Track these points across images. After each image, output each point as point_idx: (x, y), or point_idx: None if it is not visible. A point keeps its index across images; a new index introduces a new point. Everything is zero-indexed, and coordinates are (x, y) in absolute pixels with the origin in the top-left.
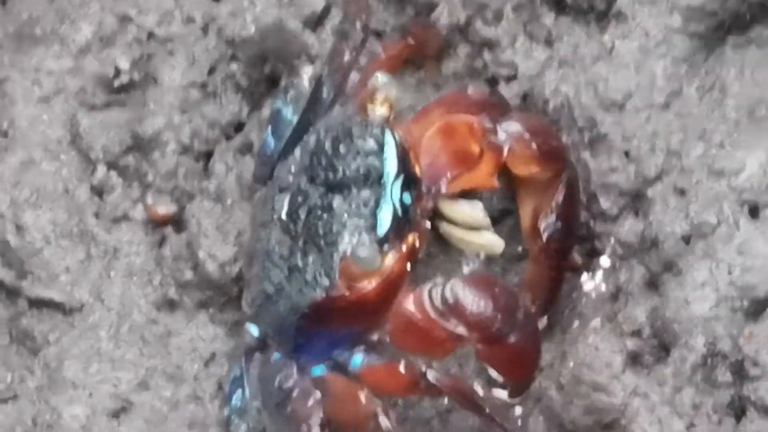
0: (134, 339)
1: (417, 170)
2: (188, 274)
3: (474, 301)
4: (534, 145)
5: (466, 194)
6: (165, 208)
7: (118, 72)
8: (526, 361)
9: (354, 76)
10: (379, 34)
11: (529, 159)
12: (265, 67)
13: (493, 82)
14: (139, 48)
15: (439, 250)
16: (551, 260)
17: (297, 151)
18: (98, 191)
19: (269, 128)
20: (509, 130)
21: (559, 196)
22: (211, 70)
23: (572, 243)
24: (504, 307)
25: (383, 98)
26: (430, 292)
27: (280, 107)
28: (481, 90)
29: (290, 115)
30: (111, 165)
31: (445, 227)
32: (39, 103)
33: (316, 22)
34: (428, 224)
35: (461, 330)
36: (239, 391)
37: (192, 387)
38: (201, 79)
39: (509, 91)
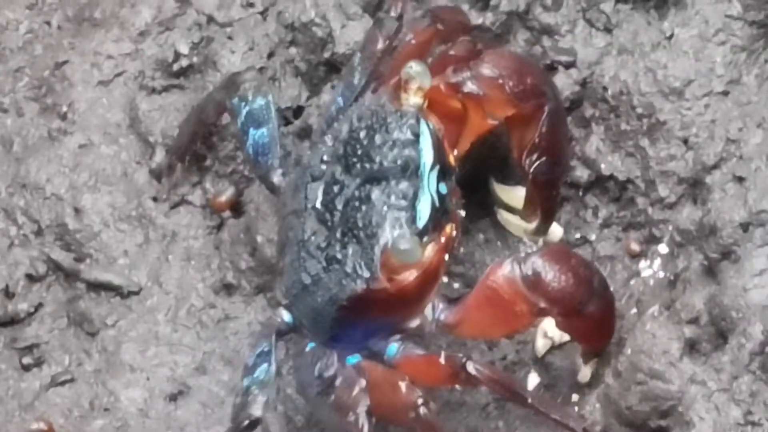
0: (192, 323)
1: (451, 159)
2: (246, 259)
3: (555, 277)
4: (507, 88)
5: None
6: (226, 195)
7: (177, 56)
8: (603, 328)
9: (385, 63)
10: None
11: (504, 102)
12: (324, 52)
13: (551, 68)
14: (199, 32)
15: (496, 237)
16: (542, 192)
17: (328, 139)
18: (157, 175)
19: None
20: (482, 75)
21: (541, 131)
22: (270, 55)
23: (561, 173)
24: (582, 280)
25: (417, 87)
26: (518, 265)
27: None
28: (464, 44)
29: None
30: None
31: (503, 214)
32: (98, 87)
33: (375, 7)
34: (463, 213)
35: (543, 304)
36: (265, 365)
37: None
38: (260, 64)
39: (567, 78)
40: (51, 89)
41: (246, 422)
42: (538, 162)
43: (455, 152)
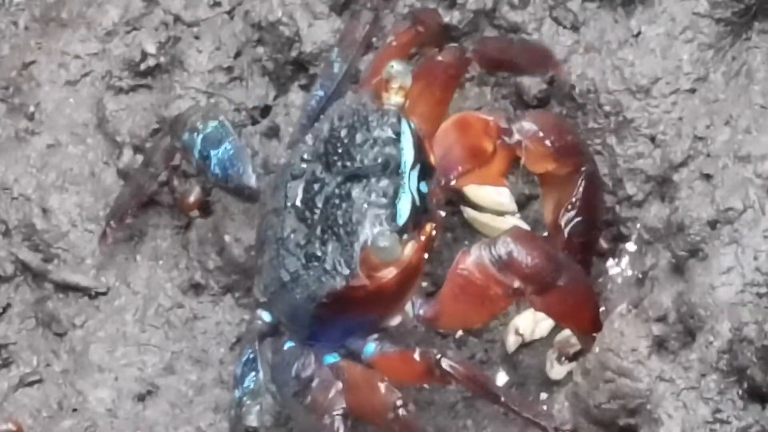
0: (160, 323)
1: (432, 159)
2: (214, 258)
3: (525, 254)
4: (548, 143)
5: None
6: (193, 195)
7: (144, 55)
8: (582, 303)
9: (366, 63)
10: None
11: (544, 157)
12: (291, 51)
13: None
14: (166, 31)
15: (464, 236)
16: (575, 253)
17: (308, 138)
18: (124, 175)
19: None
20: (523, 129)
21: (579, 192)
22: (237, 54)
23: (596, 236)
24: (549, 255)
25: (398, 86)
26: (486, 249)
27: None
28: (451, 51)
29: None
30: (137, 148)
31: (470, 213)
32: (65, 87)
33: (342, 6)
34: (443, 213)
35: (517, 283)
36: (252, 373)
37: (217, 371)
38: (227, 63)
39: (535, 76)
40: (18, 89)
41: None
42: (574, 221)
43: (453, 182)
